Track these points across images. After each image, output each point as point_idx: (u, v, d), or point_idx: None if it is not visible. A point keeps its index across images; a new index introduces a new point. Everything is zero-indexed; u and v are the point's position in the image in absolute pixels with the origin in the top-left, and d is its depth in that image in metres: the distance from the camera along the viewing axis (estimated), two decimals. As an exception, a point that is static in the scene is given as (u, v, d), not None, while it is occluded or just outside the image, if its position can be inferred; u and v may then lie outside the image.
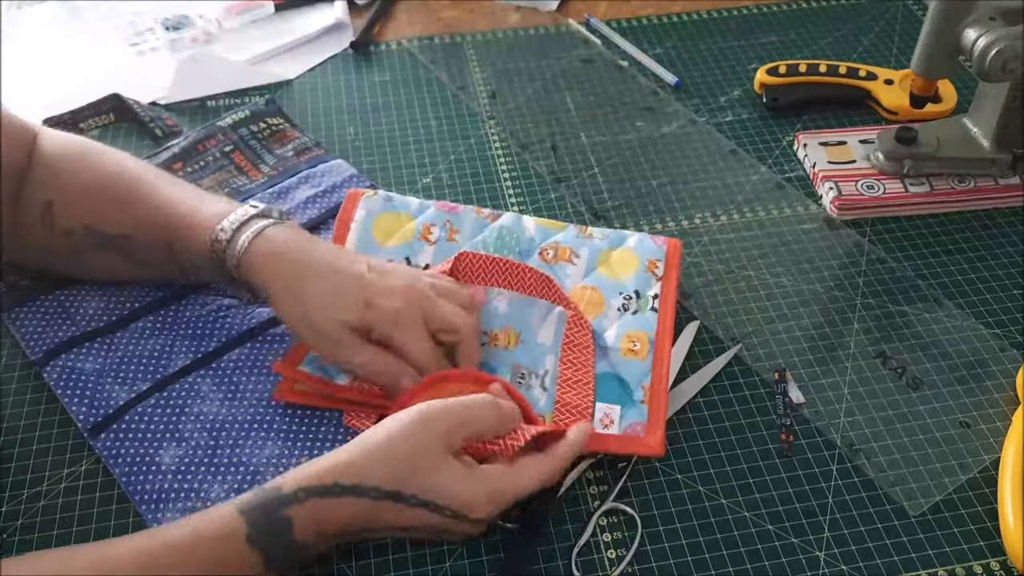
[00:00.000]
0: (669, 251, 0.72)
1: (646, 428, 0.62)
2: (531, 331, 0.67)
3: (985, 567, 0.57)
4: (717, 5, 1.04)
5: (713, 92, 0.93)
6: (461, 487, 0.52)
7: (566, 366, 0.64)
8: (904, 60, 0.95)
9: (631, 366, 0.65)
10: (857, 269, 0.75)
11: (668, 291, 0.69)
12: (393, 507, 0.51)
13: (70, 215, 0.65)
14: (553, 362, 0.65)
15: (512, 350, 0.66)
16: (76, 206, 0.65)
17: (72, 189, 0.66)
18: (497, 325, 0.67)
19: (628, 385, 0.64)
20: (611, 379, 0.64)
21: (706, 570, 0.57)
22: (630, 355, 0.65)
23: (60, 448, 0.63)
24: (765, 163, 0.84)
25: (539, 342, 0.66)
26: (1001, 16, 0.70)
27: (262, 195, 0.79)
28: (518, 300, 0.68)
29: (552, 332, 0.66)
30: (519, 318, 0.67)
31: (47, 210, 0.65)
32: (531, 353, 0.65)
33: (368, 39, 1.00)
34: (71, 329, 0.68)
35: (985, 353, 0.68)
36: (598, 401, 0.63)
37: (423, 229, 0.72)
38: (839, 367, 0.68)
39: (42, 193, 0.65)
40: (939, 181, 0.80)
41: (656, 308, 0.68)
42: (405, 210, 0.74)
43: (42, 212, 0.65)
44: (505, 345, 0.66)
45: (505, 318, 0.67)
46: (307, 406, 0.64)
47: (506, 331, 0.66)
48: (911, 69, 0.75)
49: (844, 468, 0.62)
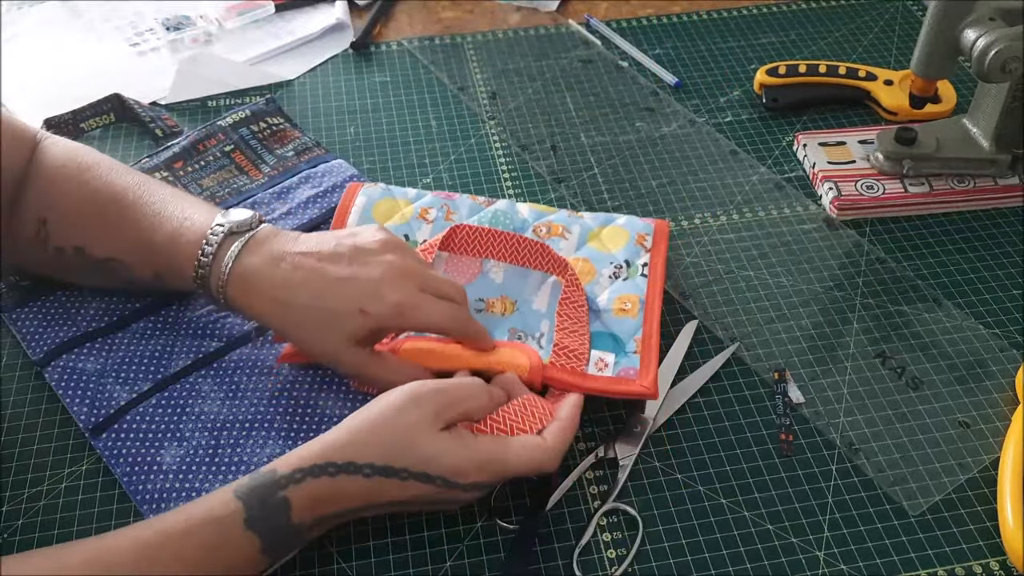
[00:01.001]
0: (657, 228, 0.74)
1: (638, 372, 0.64)
2: (526, 299, 0.69)
3: (985, 567, 0.57)
4: (717, 5, 1.04)
5: (713, 92, 0.93)
6: (452, 456, 0.53)
7: (563, 317, 0.67)
8: (904, 61, 0.96)
9: (623, 324, 0.67)
10: (857, 269, 0.75)
11: (657, 261, 0.71)
12: (387, 482, 0.52)
13: (62, 236, 0.65)
14: (548, 326, 0.67)
15: (508, 316, 0.68)
16: (68, 227, 0.65)
17: (65, 209, 0.65)
18: (493, 294, 0.70)
19: (620, 339, 0.66)
20: (604, 336, 0.67)
21: (706, 570, 0.57)
22: (621, 314, 0.67)
23: (61, 448, 0.63)
24: (765, 163, 0.84)
25: (535, 308, 0.69)
26: (1000, 16, 0.70)
27: (262, 195, 0.79)
28: (513, 272, 0.71)
29: (547, 299, 0.69)
30: (514, 288, 0.70)
31: (41, 226, 0.65)
32: (526, 319, 0.68)
33: (368, 39, 1.00)
34: (72, 329, 0.68)
35: (985, 353, 0.69)
36: (593, 349, 0.65)
37: (421, 211, 0.75)
38: (839, 367, 0.68)
39: (38, 209, 0.65)
40: (938, 181, 0.80)
41: (646, 274, 0.70)
42: (403, 197, 0.76)
43: (37, 229, 0.65)
44: (501, 312, 0.68)
45: (500, 288, 0.70)
46: (308, 405, 0.64)
47: (502, 299, 0.69)
48: (911, 69, 0.75)
49: (844, 468, 0.62)
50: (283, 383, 0.65)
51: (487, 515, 0.59)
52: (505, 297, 0.69)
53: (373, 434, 0.53)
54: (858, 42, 0.98)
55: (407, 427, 0.53)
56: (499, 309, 0.69)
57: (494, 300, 0.69)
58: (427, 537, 0.58)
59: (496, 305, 0.69)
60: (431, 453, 0.53)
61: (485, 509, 0.59)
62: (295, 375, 0.66)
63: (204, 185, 0.80)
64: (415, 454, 0.53)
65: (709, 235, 0.78)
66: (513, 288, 0.70)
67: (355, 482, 0.52)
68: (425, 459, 0.53)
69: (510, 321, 0.68)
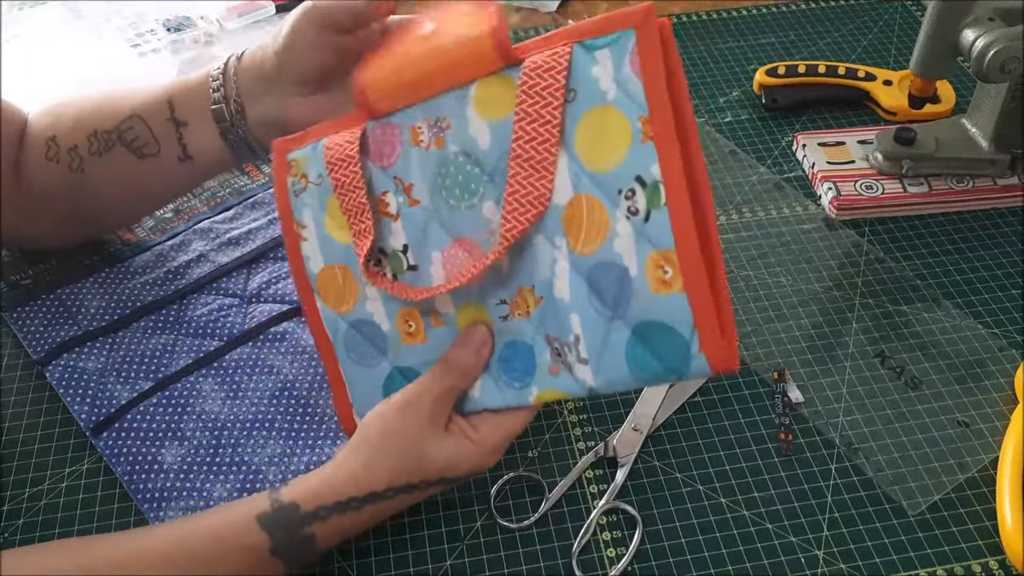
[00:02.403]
0: (641, 44, 0.50)
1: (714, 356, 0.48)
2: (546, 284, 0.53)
3: (984, 566, 0.57)
4: (716, 6, 1.04)
5: (712, 93, 0.93)
6: (463, 457, 0.54)
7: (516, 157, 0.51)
8: (903, 61, 0.96)
9: (669, 304, 0.48)
10: (856, 269, 0.75)
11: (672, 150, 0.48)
12: (408, 497, 0.54)
13: (72, 136, 0.66)
14: (578, 321, 0.52)
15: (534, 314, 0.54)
16: (76, 124, 0.66)
17: (68, 115, 0.67)
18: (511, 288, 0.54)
19: (677, 333, 0.48)
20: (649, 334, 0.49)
21: (705, 569, 0.57)
22: (663, 288, 0.48)
23: (62, 447, 0.64)
24: (764, 163, 0.85)
25: (557, 296, 0.52)
26: (1000, 16, 0.70)
27: (263, 195, 0.79)
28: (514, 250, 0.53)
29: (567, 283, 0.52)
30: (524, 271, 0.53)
31: (50, 144, 0.66)
32: (556, 315, 0.53)
33: (368, 40, 1.00)
34: (73, 328, 0.68)
35: (984, 353, 0.69)
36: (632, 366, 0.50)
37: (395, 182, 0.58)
38: (838, 367, 0.68)
39: (42, 135, 0.67)
40: (938, 181, 0.80)
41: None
42: None
43: (45, 150, 0.66)
44: (526, 311, 0.54)
45: (513, 276, 0.54)
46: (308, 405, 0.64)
47: (521, 293, 0.54)
48: (910, 70, 0.75)
49: (843, 467, 0.62)
50: (283, 383, 0.65)
51: (487, 515, 0.59)
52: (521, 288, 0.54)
53: (383, 459, 0.53)
54: (857, 42, 0.99)
55: (412, 444, 0.53)
56: (523, 307, 0.54)
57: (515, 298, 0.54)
58: (427, 537, 0.59)
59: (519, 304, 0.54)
60: (444, 461, 0.54)
61: (485, 509, 0.60)
62: (295, 375, 0.66)
63: (205, 185, 0.80)
64: (429, 466, 0.54)
65: (709, 235, 0.78)
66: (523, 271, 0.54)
67: (379, 507, 0.54)
68: (440, 468, 0.54)
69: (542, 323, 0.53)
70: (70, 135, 0.66)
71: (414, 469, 0.53)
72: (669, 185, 0.48)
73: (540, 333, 0.54)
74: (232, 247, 0.75)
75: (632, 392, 0.65)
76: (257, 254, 0.74)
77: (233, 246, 0.75)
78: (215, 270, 0.73)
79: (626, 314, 0.50)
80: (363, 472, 0.53)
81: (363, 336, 0.59)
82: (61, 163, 0.66)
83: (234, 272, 0.73)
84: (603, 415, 0.65)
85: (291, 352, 0.67)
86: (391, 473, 0.53)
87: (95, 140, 0.65)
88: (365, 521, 0.54)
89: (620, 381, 0.51)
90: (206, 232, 0.76)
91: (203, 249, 0.75)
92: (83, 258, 0.74)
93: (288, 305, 0.70)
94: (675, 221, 0.48)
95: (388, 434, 0.54)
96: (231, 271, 0.73)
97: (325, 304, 0.60)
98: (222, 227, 0.77)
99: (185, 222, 0.77)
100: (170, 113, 0.64)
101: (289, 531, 0.52)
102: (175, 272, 0.73)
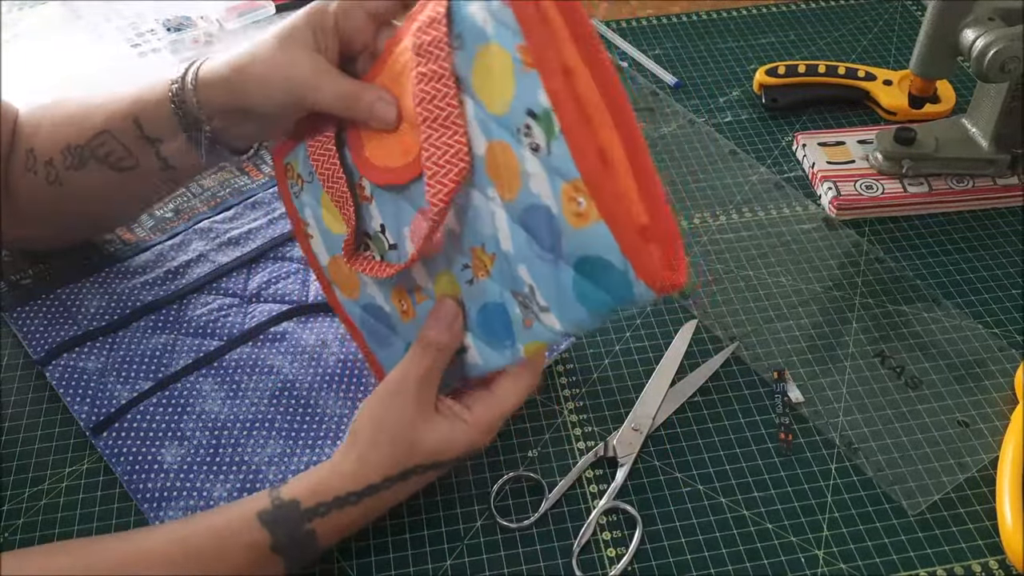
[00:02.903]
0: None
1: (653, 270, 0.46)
2: (493, 239, 0.52)
3: (984, 566, 0.57)
4: (717, 6, 1.04)
5: (712, 93, 0.93)
6: (458, 440, 0.55)
7: None
8: (903, 61, 0.96)
9: (589, 237, 0.46)
10: (856, 269, 0.75)
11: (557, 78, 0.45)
12: (407, 483, 0.54)
13: (48, 150, 0.65)
14: (526, 271, 0.51)
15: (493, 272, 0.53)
16: (51, 136, 0.65)
17: (45, 125, 0.66)
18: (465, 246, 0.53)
19: (609, 263, 0.46)
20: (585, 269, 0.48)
21: (705, 568, 0.57)
22: (579, 221, 0.47)
23: (62, 447, 0.64)
24: (764, 163, 0.85)
25: (503, 249, 0.51)
26: (1000, 16, 0.70)
27: (263, 195, 0.79)
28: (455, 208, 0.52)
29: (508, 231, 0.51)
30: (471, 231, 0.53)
31: (29, 156, 0.65)
32: (509, 269, 0.52)
33: (368, 40, 1.00)
34: (73, 328, 0.68)
35: (984, 352, 0.69)
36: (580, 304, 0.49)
37: None
38: (838, 366, 0.68)
39: (23, 145, 0.66)
40: (937, 181, 0.80)
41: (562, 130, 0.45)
42: None
43: (24, 161, 0.65)
44: (486, 271, 0.53)
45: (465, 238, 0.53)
46: (308, 405, 0.64)
47: (475, 253, 0.53)
48: (910, 69, 0.75)
49: (843, 467, 0.62)
50: (283, 383, 0.65)
51: (487, 515, 0.59)
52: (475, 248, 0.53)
53: (376, 450, 0.54)
54: (857, 42, 0.99)
55: (402, 430, 0.54)
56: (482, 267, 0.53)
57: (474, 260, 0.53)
58: (427, 536, 0.59)
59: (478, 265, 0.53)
60: (436, 444, 0.54)
61: (485, 509, 0.60)
62: (295, 375, 0.66)
63: (205, 185, 0.80)
64: (422, 450, 0.54)
65: (709, 235, 0.78)
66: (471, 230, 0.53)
67: (378, 499, 0.54)
68: (433, 451, 0.54)
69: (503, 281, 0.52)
70: (45, 149, 0.65)
71: (407, 455, 0.54)
72: (560, 111, 0.45)
73: (506, 288, 0.53)
74: (232, 247, 0.75)
75: (632, 391, 0.65)
76: (257, 254, 0.74)
77: (233, 246, 0.75)
78: (215, 270, 0.73)
79: (563, 254, 0.48)
80: (358, 466, 0.54)
81: (375, 318, 0.62)
82: (39, 176, 0.65)
83: (234, 272, 0.73)
84: (603, 415, 0.65)
85: (291, 352, 0.67)
86: (385, 462, 0.54)
87: (68, 155, 0.64)
88: (365, 515, 0.54)
89: (583, 320, 0.50)
90: (206, 232, 0.76)
91: (203, 249, 0.75)
92: (83, 258, 0.74)
93: (288, 305, 0.70)
94: (574, 148, 0.45)
95: (377, 425, 0.54)
96: (231, 271, 0.73)
97: (343, 294, 0.63)
98: (222, 227, 0.77)
99: (185, 222, 0.77)
100: (139, 131, 0.63)
101: (290, 528, 0.52)
102: (175, 272, 0.73)
